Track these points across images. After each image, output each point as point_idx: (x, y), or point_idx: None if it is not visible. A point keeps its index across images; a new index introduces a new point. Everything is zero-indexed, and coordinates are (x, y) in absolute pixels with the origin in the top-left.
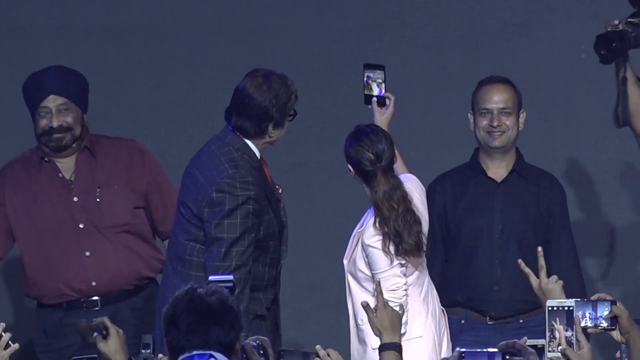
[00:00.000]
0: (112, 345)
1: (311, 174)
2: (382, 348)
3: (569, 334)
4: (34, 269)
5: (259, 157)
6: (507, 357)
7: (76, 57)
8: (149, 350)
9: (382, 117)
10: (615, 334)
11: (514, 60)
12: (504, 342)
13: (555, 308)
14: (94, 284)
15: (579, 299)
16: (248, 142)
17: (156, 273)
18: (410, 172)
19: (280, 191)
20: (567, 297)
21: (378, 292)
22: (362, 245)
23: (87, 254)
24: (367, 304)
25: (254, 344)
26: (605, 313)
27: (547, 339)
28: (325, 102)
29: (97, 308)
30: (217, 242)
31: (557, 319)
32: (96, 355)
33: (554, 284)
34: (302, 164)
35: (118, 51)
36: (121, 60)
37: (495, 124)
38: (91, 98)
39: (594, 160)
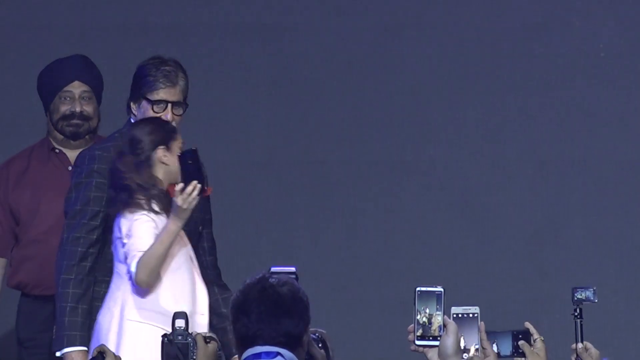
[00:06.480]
0: None
1: (330, 173)
2: None
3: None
4: (35, 258)
5: None
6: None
7: (94, 56)
8: (182, 327)
9: None
10: None
11: (533, 59)
12: None
13: (460, 315)
14: None
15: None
16: None
17: None
18: (429, 171)
19: (208, 191)
20: None
21: None
22: None
23: None
24: None
25: (314, 336)
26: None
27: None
28: (343, 100)
29: None
30: (64, 215)
31: (461, 326)
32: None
33: None
34: (320, 163)
35: (136, 50)
36: (139, 60)
37: None
38: (109, 96)
39: (613, 159)
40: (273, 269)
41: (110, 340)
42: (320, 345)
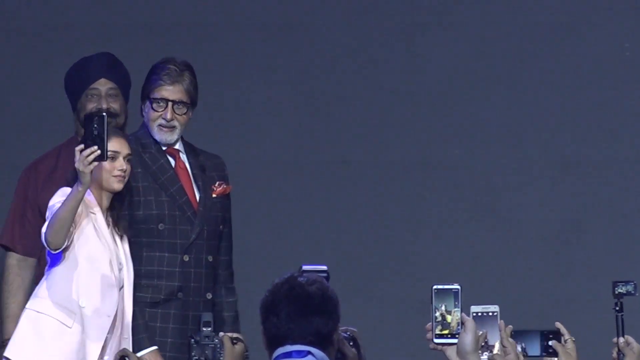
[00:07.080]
0: None
1: (353, 173)
2: None
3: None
4: None
5: (163, 145)
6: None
7: (118, 55)
8: (209, 328)
9: None
10: None
11: (558, 59)
12: None
13: (480, 314)
14: None
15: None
16: (149, 128)
17: None
18: (453, 171)
19: (220, 187)
20: None
21: None
22: None
23: None
24: None
25: (345, 335)
26: None
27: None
28: (367, 100)
29: None
30: None
31: (482, 325)
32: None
33: None
34: (344, 163)
35: (160, 49)
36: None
37: None
38: (133, 96)
39: (638, 159)
40: (304, 267)
41: (16, 329)
42: (351, 343)
